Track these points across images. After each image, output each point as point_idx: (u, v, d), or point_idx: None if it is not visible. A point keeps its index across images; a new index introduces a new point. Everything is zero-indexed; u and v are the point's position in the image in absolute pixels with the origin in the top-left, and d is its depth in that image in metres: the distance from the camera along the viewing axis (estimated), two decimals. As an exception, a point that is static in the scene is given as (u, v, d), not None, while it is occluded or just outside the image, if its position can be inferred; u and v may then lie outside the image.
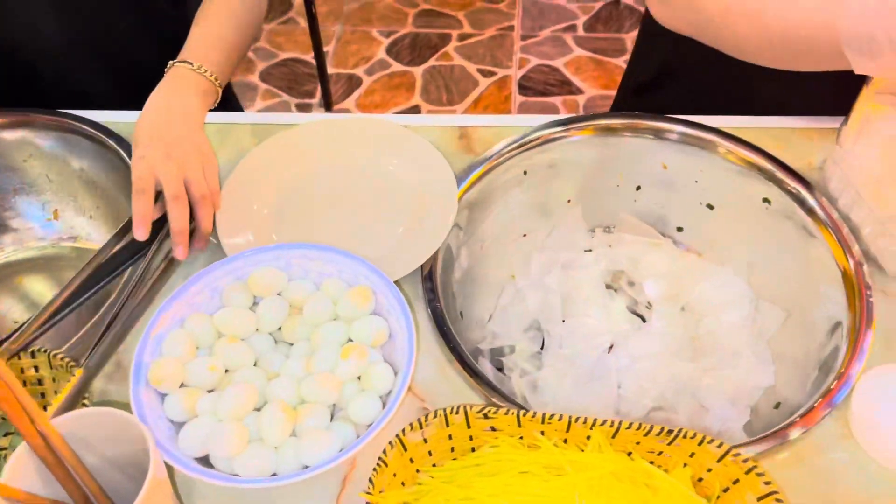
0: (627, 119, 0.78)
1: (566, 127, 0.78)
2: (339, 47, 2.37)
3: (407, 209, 0.70)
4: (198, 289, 0.58)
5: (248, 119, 0.80)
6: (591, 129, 0.78)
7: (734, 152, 0.75)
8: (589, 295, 0.81)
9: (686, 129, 0.76)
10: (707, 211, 0.80)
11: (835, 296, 0.66)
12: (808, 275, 0.70)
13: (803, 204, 0.70)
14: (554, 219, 0.83)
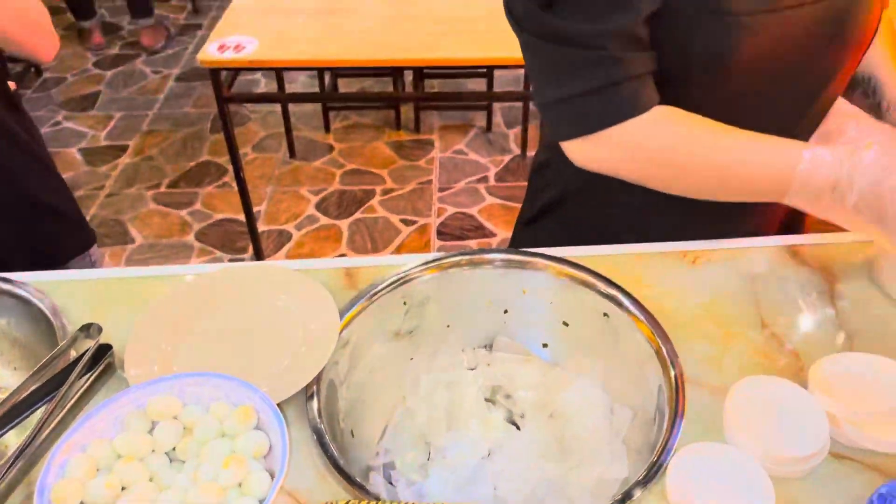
0: (489, 254, 0.92)
1: (439, 262, 0.91)
2: (270, 206, 2.54)
3: (293, 340, 0.80)
4: (102, 416, 0.66)
5: (156, 272, 0.92)
6: (461, 263, 0.92)
7: (575, 276, 0.88)
8: (470, 409, 0.91)
9: (538, 260, 0.90)
10: (564, 327, 0.92)
11: (661, 391, 0.77)
12: (644, 375, 0.82)
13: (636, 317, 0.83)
14: (436, 343, 0.94)
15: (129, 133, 2.97)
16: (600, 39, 0.74)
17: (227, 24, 1.95)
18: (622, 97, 0.76)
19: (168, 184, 2.70)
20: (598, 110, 0.78)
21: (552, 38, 0.76)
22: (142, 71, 3.40)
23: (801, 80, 0.84)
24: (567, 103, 0.79)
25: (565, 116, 0.80)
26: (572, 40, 0.75)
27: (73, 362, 0.77)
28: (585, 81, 0.76)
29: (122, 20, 3.79)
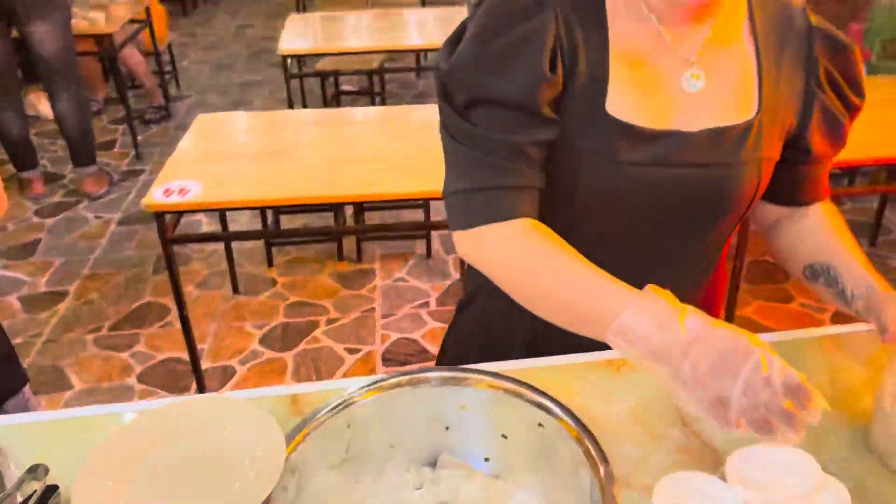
0: (427, 373, 0.97)
1: (379, 384, 0.96)
2: (214, 343, 2.55)
3: (240, 469, 0.83)
4: (49, 557, 0.67)
5: (105, 411, 0.94)
6: (401, 384, 0.96)
7: (509, 389, 0.94)
8: (419, 527, 0.93)
9: (474, 376, 0.96)
10: (503, 440, 0.97)
11: (594, 494, 0.82)
12: (579, 481, 0.87)
13: (567, 426, 0.89)
14: (381, 463, 0.97)
15: (69, 278, 2.97)
16: (497, 147, 0.87)
17: (172, 168, 2.04)
18: (499, 202, 0.88)
19: (109, 327, 2.69)
20: (476, 208, 0.88)
21: (462, 139, 0.89)
22: (84, 217, 3.44)
23: (670, 232, 0.96)
24: (457, 197, 0.90)
25: (454, 209, 0.91)
26: (476, 144, 0.88)
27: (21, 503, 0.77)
28: (474, 180, 0.88)
29: (64, 169, 3.86)
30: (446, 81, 0.89)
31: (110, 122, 4.48)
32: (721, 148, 0.91)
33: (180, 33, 6.19)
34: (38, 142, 3.99)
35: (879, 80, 2.94)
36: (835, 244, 0.98)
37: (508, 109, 0.86)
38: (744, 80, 0.92)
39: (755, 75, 0.92)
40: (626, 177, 0.89)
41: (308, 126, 2.38)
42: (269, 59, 5.26)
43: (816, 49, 0.94)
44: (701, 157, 0.91)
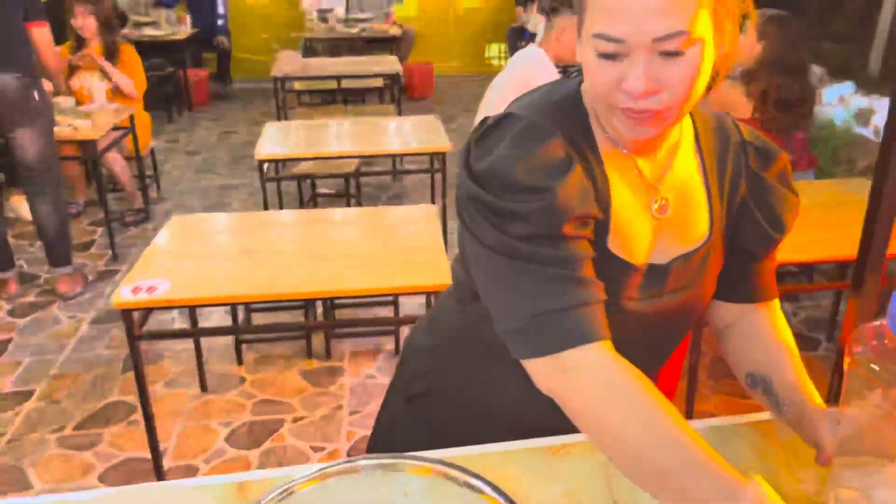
0: (366, 461, 1.00)
1: (323, 471, 0.99)
2: (179, 441, 2.53)
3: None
4: None
5: (55, 499, 0.96)
6: (344, 472, 1.00)
7: (448, 474, 0.98)
8: None
9: (408, 462, 0.99)
10: (445, 527, 0.99)
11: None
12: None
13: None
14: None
15: (36, 378, 2.96)
16: (570, 262, 0.84)
17: (143, 267, 2.09)
18: (574, 322, 0.82)
19: (74, 426, 2.66)
20: (551, 332, 0.82)
21: (519, 257, 0.84)
22: (56, 317, 3.45)
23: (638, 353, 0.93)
24: (525, 322, 0.84)
25: (524, 335, 0.85)
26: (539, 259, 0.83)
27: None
28: (539, 301, 0.83)
29: (40, 269, 3.90)
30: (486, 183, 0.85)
31: (89, 223, 4.55)
32: (688, 273, 0.98)
33: (164, 139, 6.38)
34: (16, 243, 4.04)
35: (831, 183, 3.11)
36: (775, 355, 1.02)
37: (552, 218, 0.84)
38: (697, 204, 0.98)
39: (705, 196, 0.99)
40: (620, 314, 0.93)
41: (281, 226, 2.46)
42: (250, 164, 5.42)
43: (751, 160, 1.01)
44: (673, 284, 0.97)
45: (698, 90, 0.83)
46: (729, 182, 1.00)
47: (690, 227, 0.98)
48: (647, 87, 0.80)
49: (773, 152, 1.03)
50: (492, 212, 0.85)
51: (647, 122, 0.84)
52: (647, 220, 0.95)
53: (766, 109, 3.04)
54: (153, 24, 7.13)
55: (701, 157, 0.99)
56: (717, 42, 0.82)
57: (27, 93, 3.32)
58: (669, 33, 0.77)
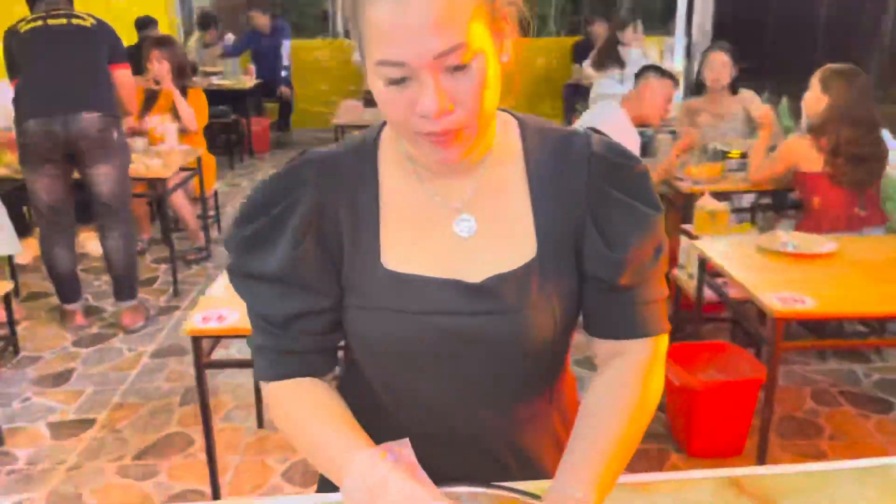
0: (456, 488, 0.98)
1: None
2: (234, 477, 2.53)
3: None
4: None
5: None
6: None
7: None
8: None
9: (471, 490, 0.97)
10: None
11: None
12: None
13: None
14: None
15: (98, 407, 3.01)
16: (266, 315, 0.95)
17: (208, 301, 2.13)
18: (279, 363, 0.96)
19: (133, 456, 2.68)
20: (264, 365, 0.97)
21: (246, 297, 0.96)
22: (118, 348, 3.53)
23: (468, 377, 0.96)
24: (252, 348, 0.99)
25: (255, 360, 0.99)
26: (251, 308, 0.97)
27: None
28: (259, 338, 0.97)
29: (106, 303, 4.00)
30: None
31: (153, 260, 4.67)
32: (505, 294, 0.91)
33: (226, 182, 6.57)
34: (83, 277, 4.16)
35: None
36: (589, 431, 0.92)
37: (271, 284, 0.92)
38: (519, 222, 0.93)
39: (531, 213, 0.93)
40: (412, 327, 0.92)
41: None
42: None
43: (596, 173, 0.92)
44: (484, 304, 0.91)
45: (491, 101, 0.83)
46: (566, 197, 0.93)
47: (507, 245, 0.93)
48: (441, 105, 0.79)
49: (626, 163, 0.93)
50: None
51: (451, 143, 0.83)
52: (447, 238, 0.93)
53: (837, 163, 2.99)
54: (220, 74, 7.41)
55: (528, 173, 0.94)
56: (498, 49, 0.83)
57: (108, 131, 3.46)
58: (450, 47, 0.77)
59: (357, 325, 0.95)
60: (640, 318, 0.96)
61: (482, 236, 0.93)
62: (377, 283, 0.92)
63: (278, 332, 0.94)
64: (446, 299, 0.91)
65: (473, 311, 0.91)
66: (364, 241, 0.93)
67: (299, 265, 0.91)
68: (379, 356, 0.97)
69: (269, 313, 0.94)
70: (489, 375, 0.96)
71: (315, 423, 0.93)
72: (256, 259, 0.92)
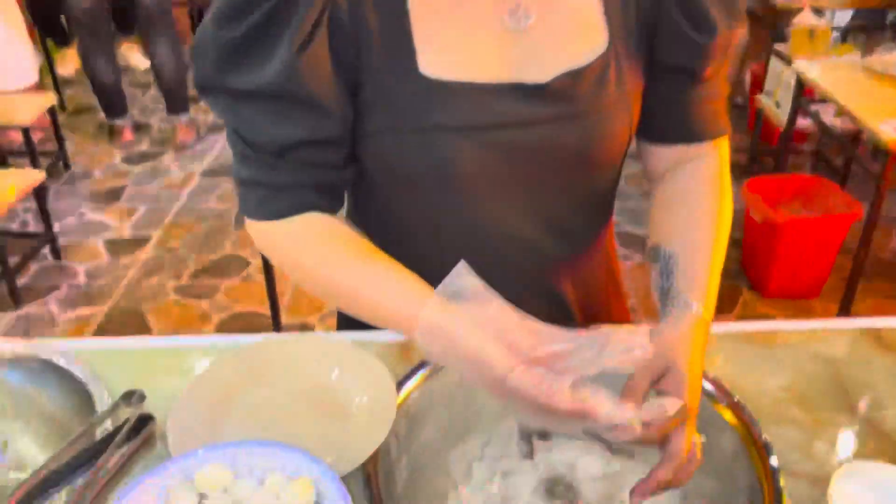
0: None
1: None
2: (292, 300, 2.51)
3: (349, 415, 0.75)
4: (144, 489, 0.60)
5: (204, 343, 0.87)
6: (519, 341, 0.86)
7: (645, 354, 0.83)
8: (530, 500, 0.83)
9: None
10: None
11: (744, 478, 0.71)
12: (725, 466, 0.76)
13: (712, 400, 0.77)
14: (491, 427, 0.88)
15: (152, 226, 2.99)
16: (261, 145, 0.74)
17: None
18: (277, 199, 0.76)
19: (190, 275, 2.68)
20: (254, 202, 0.77)
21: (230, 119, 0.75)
22: (168, 167, 3.46)
23: (524, 203, 0.81)
24: (239, 184, 0.78)
25: (240, 195, 0.79)
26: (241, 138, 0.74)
27: (113, 431, 0.71)
28: (251, 172, 0.76)
29: (152, 119, 3.89)
30: None
31: (198, 77, 4.51)
32: (579, 94, 0.76)
33: None
34: (129, 92, 4.03)
35: None
36: (694, 232, 0.80)
37: (265, 102, 0.71)
38: (584, 6, 0.76)
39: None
40: (461, 148, 0.74)
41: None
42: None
43: None
44: (552, 109, 0.76)
45: None
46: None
47: (575, 36, 0.76)
48: None
49: None
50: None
51: None
52: (498, 33, 0.74)
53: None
54: None
55: None
56: None
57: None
58: None
59: (387, 152, 0.76)
60: (713, 117, 0.85)
61: (541, 27, 0.75)
62: (414, 96, 0.74)
63: (272, 162, 0.74)
64: (505, 108, 0.75)
65: (538, 120, 0.76)
66: (393, 42, 0.73)
67: (303, 77, 0.69)
68: (416, 189, 0.79)
69: (260, 140, 0.73)
70: (550, 198, 0.83)
71: (348, 268, 0.75)
72: (245, 69, 0.70)
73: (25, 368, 0.84)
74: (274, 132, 0.72)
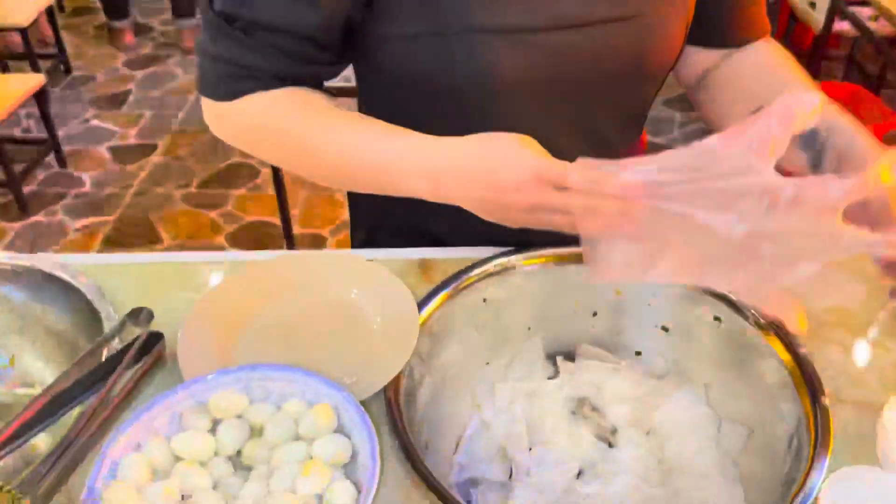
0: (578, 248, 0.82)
1: (523, 256, 0.81)
2: (304, 211, 2.46)
3: (369, 335, 0.71)
4: (156, 412, 0.57)
5: (214, 258, 0.82)
6: (545, 259, 0.82)
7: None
8: (554, 422, 0.80)
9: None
10: (663, 333, 0.82)
11: (789, 407, 0.67)
12: (764, 389, 0.72)
13: (754, 321, 0.73)
14: (515, 347, 0.85)
15: (158, 133, 2.91)
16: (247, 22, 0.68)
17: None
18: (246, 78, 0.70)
19: (198, 184, 2.63)
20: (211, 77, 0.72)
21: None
22: (173, 72, 3.35)
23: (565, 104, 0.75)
24: (206, 60, 0.72)
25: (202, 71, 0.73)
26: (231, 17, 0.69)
27: (121, 350, 0.67)
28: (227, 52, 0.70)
29: (154, 21, 3.75)
30: None
31: (200, -24, 4.32)
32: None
33: None
34: (130, -9, 3.87)
35: None
36: (789, 79, 0.77)
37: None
38: None
39: None
40: (504, 53, 0.67)
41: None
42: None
43: None
44: (606, 9, 0.69)
45: None
46: None
47: None
48: None
49: None
50: None
51: None
52: None
53: None
54: None
55: None
56: None
57: None
58: None
59: (424, 59, 0.70)
60: (756, 18, 0.82)
61: None
62: None
63: (246, 40, 0.68)
64: (556, 9, 0.68)
65: (590, 21, 0.69)
66: None
67: None
68: (450, 99, 0.73)
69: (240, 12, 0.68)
70: (592, 109, 0.77)
71: (341, 123, 0.70)
72: None
73: (28, 283, 0.80)
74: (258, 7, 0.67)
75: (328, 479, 0.53)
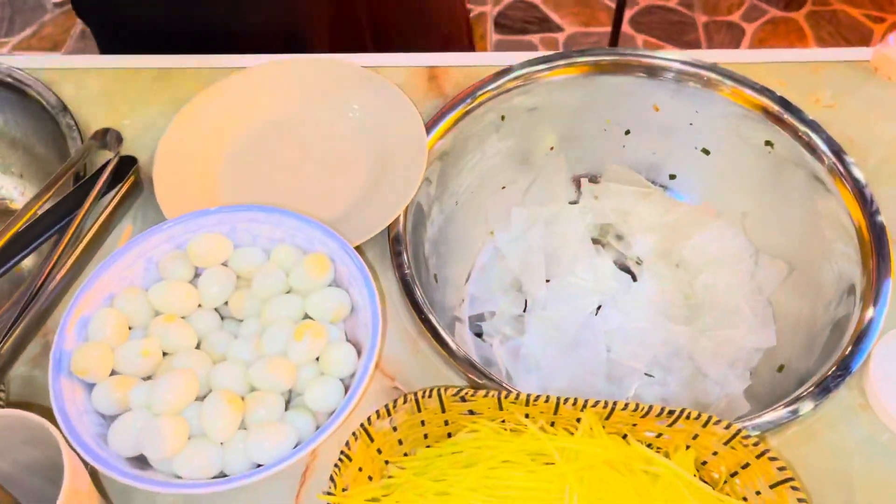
0: (616, 55, 0.70)
1: (549, 65, 0.70)
2: None
3: (370, 162, 0.62)
4: (130, 259, 0.50)
5: (189, 63, 0.71)
6: (576, 67, 0.70)
7: (735, 91, 0.67)
8: (574, 252, 0.74)
9: (682, 66, 0.68)
10: (702, 156, 0.73)
11: (846, 251, 0.59)
12: (815, 227, 0.64)
13: (813, 149, 0.63)
14: (535, 169, 0.76)
15: None
16: None
17: None
18: None
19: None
20: None
21: None
22: None
23: None
24: None
25: None
26: None
27: (90, 177, 0.59)
28: None
29: None
30: None
31: None
32: None
33: None
34: None
35: None
36: None
37: None
38: None
39: None
40: None
41: None
42: None
43: None
44: None
45: None
46: None
47: None
48: None
49: None
50: None
51: None
52: None
53: None
54: None
55: None
56: None
57: None
58: None
59: None
60: None
61: None
62: None
63: None
64: None
65: None
66: None
67: None
68: None
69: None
70: None
71: None
72: None
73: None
74: None
75: (325, 341, 0.47)
